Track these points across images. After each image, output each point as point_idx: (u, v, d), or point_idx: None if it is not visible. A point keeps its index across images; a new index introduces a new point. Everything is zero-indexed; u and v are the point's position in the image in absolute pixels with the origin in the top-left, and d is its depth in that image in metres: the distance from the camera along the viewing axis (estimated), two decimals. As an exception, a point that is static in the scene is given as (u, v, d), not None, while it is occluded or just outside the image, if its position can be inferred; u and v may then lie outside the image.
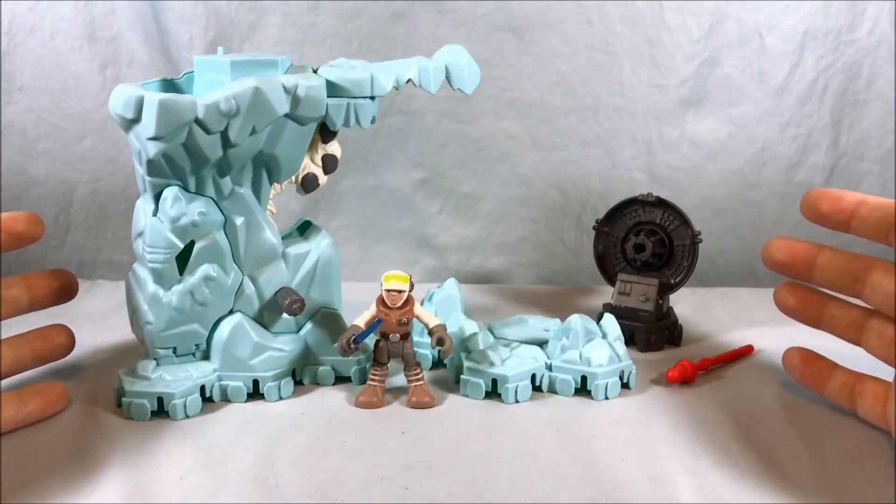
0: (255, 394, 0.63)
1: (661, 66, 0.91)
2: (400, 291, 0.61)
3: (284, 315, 0.64)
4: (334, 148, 0.67)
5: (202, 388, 0.61)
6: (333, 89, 0.61)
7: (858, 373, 0.59)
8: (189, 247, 0.60)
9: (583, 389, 0.64)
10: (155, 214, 0.60)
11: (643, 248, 0.76)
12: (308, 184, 0.66)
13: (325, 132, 0.65)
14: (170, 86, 0.65)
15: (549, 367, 0.65)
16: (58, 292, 0.64)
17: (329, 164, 0.67)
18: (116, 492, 0.49)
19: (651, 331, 0.74)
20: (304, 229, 0.69)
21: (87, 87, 0.90)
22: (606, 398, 0.63)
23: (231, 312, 0.63)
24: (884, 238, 0.54)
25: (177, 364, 0.62)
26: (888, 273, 0.54)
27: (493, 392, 0.63)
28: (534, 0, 0.89)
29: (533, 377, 0.64)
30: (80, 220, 0.94)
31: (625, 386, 0.65)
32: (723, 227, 0.95)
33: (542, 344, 0.68)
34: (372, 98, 0.63)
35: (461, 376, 0.64)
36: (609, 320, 0.68)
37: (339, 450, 0.55)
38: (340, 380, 0.66)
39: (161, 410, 0.59)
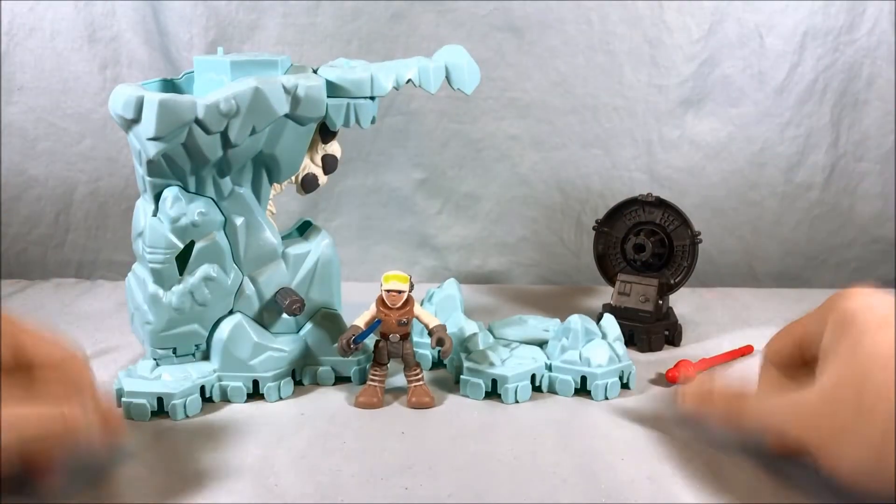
0: (255, 394, 0.63)
1: (661, 66, 0.91)
2: (400, 292, 0.61)
3: (284, 315, 0.64)
4: (334, 148, 0.67)
5: (202, 388, 0.61)
6: (333, 89, 0.61)
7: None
8: (189, 247, 0.60)
9: (583, 389, 0.64)
10: (155, 214, 0.60)
11: (643, 249, 0.76)
12: (308, 184, 0.66)
13: (325, 132, 0.65)
14: (170, 86, 0.66)
15: (549, 368, 0.65)
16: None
17: (329, 164, 0.67)
18: (116, 492, 0.49)
19: (651, 331, 0.74)
20: (304, 229, 0.69)
21: (87, 87, 0.90)
22: (606, 398, 0.63)
23: (231, 313, 0.63)
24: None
25: (177, 364, 0.62)
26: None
27: (493, 392, 0.63)
28: (534, 0, 0.89)
29: (533, 377, 0.64)
30: (80, 220, 0.94)
31: (625, 386, 0.65)
32: (723, 227, 0.95)
33: (541, 344, 0.68)
34: (372, 98, 0.63)
35: (461, 376, 0.64)
36: (609, 320, 0.68)
37: (339, 450, 0.55)
38: (340, 380, 0.66)
39: (161, 410, 0.59)
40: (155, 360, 0.62)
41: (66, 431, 0.46)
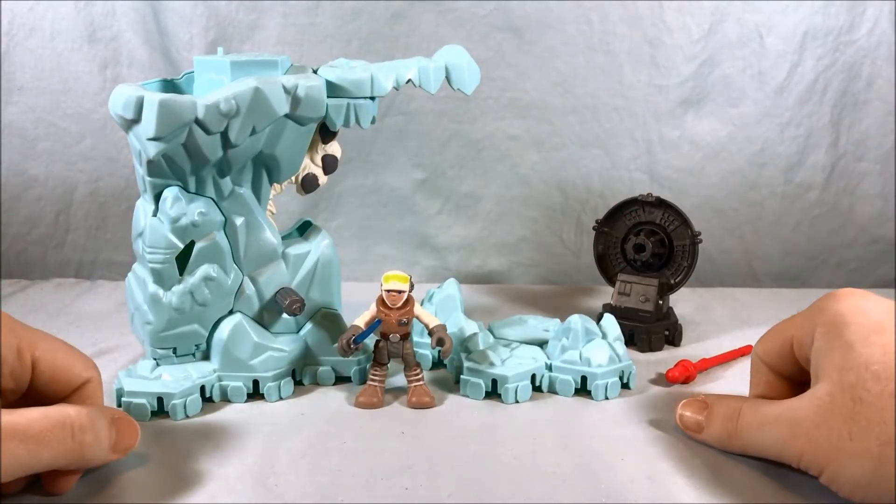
0: (255, 394, 0.63)
1: (661, 66, 0.91)
2: (400, 292, 0.61)
3: (284, 315, 0.64)
4: (334, 148, 0.67)
5: (202, 388, 0.61)
6: (333, 89, 0.61)
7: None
8: (189, 247, 0.60)
9: (583, 389, 0.64)
10: (155, 214, 0.60)
11: (643, 249, 0.76)
12: (308, 184, 0.66)
13: (325, 132, 0.65)
14: (170, 86, 0.65)
15: (549, 368, 0.65)
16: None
17: (329, 164, 0.67)
18: (116, 492, 0.49)
19: (651, 331, 0.74)
20: (304, 229, 0.69)
21: (87, 87, 0.90)
22: (606, 398, 0.63)
23: (231, 313, 0.63)
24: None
25: (177, 364, 0.62)
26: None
27: (493, 392, 0.63)
28: (534, 0, 0.89)
29: (533, 377, 0.64)
30: (80, 220, 0.94)
31: (625, 386, 0.65)
32: (723, 227, 0.95)
33: (542, 344, 0.68)
34: (372, 98, 0.63)
35: (461, 376, 0.64)
36: (609, 320, 0.68)
37: (339, 450, 0.55)
38: (340, 380, 0.66)
39: (161, 410, 0.59)
40: (155, 360, 0.62)
41: (73, 432, 0.46)
